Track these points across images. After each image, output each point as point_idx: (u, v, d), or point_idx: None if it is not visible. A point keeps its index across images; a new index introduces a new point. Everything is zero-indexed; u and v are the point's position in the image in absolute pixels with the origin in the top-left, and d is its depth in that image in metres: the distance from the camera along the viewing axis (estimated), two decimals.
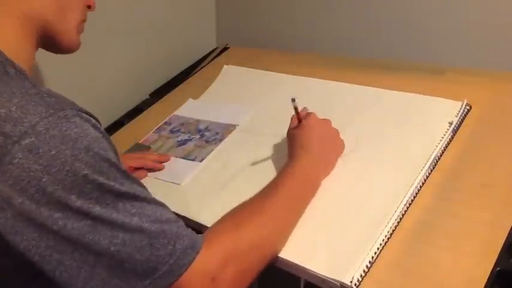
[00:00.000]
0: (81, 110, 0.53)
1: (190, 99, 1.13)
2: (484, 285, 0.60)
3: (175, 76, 1.29)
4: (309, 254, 0.67)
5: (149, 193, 0.57)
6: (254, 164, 0.87)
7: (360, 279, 0.63)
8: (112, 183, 0.52)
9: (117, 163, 0.54)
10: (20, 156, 0.48)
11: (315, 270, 0.64)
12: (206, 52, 1.36)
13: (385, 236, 0.67)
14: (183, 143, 0.98)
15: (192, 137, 0.99)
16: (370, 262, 0.65)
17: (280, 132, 0.91)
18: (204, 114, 1.05)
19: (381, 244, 0.67)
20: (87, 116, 0.53)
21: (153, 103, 1.19)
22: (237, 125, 0.99)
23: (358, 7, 1.18)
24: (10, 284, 0.56)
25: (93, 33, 1.06)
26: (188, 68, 1.31)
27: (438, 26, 1.08)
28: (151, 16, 1.26)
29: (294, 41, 1.31)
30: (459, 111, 0.85)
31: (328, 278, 0.63)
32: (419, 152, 0.79)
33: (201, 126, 1.02)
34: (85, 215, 0.50)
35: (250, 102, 1.06)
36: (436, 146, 0.79)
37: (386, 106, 0.90)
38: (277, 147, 0.89)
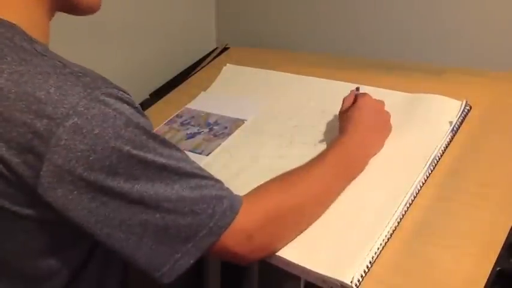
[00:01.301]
0: (114, 86, 0.54)
1: (203, 93, 1.13)
2: (484, 285, 0.60)
3: (175, 76, 1.29)
4: (309, 253, 0.67)
5: (188, 158, 0.59)
6: (256, 163, 0.88)
7: (360, 279, 0.63)
8: (153, 156, 0.54)
9: (155, 134, 0.55)
10: (66, 137, 0.49)
11: (315, 270, 0.64)
12: (206, 52, 1.36)
13: (386, 236, 0.67)
14: (192, 135, 0.99)
15: (201, 130, 1.00)
16: (370, 262, 0.65)
17: (283, 132, 0.91)
18: (215, 108, 1.06)
19: (381, 244, 0.66)
20: (121, 92, 0.55)
21: (153, 103, 1.18)
22: (246, 120, 0.99)
23: (358, 7, 1.18)
24: (70, 251, 0.61)
25: (93, 33, 1.06)
26: (188, 68, 1.31)
27: (438, 26, 1.08)
28: (152, 16, 1.26)
29: (294, 41, 1.31)
30: (459, 111, 0.85)
31: (328, 277, 0.63)
32: (419, 152, 0.79)
33: (211, 120, 1.02)
34: (130, 188, 0.53)
35: (251, 98, 1.07)
36: (436, 146, 0.79)
37: (386, 106, 0.90)
38: (279, 147, 0.89)
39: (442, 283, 0.62)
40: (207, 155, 0.92)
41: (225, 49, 1.33)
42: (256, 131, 0.96)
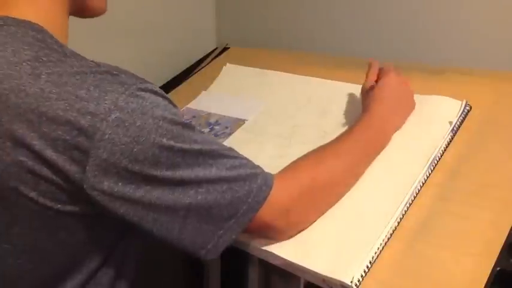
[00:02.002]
0: (146, 81, 0.57)
1: (204, 92, 1.13)
2: (484, 285, 0.60)
3: (175, 76, 1.29)
4: (309, 253, 0.67)
5: (218, 141, 0.63)
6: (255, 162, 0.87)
7: (361, 279, 0.63)
8: (189, 144, 0.57)
9: (187, 122, 0.58)
10: (110, 131, 0.52)
11: (315, 270, 0.64)
12: (206, 52, 1.36)
13: (386, 236, 0.67)
14: None
15: (202, 130, 1.00)
16: (370, 262, 0.65)
17: (283, 132, 0.91)
18: (216, 107, 1.06)
19: (381, 244, 0.67)
20: (153, 86, 0.57)
21: None
22: (246, 120, 0.99)
23: (358, 7, 1.18)
24: (114, 238, 0.64)
25: (93, 33, 1.06)
26: (188, 68, 1.31)
27: (438, 26, 1.08)
28: (151, 16, 1.26)
29: (294, 41, 1.31)
30: (459, 111, 0.85)
31: (328, 277, 0.63)
32: (419, 152, 0.79)
33: (212, 120, 1.02)
34: (172, 174, 0.56)
35: (251, 98, 1.07)
36: (437, 146, 0.79)
37: None
38: (279, 147, 0.90)
39: (442, 283, 0.62)
40: None
41: (225, 49, 1.33)
42: (257, 131, 0.96)
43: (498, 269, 0.62)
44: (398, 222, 0.70)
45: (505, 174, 0.74)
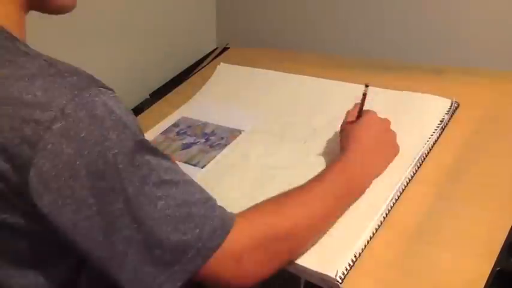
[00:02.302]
0: (102, 86, 0.52)
1: (198, 93, 1.13)
2: (484, 285, 0.60)
3: (175, 76, 1.29)
4: None
5: (177, 169, 0.56)
6: (247, 161, 0.88)
7: (345, 272, 0.63)
8: (139, 165, 0.51)
9: (143, 139, 0.53)
10: (53, 141, 0.48)
11: (300, 264, 0.65)
12: (206, 52, 1.36)
13: (371, 231, 0.68)
14: (187, 146, 0.98)
15: (198, 140, 0.99)
16: (355, 256, 0.65)
17: (273, 130, 0.91)
18: (212, 117, 1.04)
19: (368, 241, 0.67)
20: (109, 92, 0.53)
21: (153, 103, 1.18)
22: (243, 131, 0.98)
23: (358, 7, 1.18)
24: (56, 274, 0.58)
25: (93, 33, 1.06)
26: (188, 68, 1.31)
27: (438, 26, 1.08)
28: (152, 16, 1.26)
29: (294, 41, 1.31)
30: (449, 109, 0.85)
31: (312, 271, 0.64)
32: (409, 149, 0.79)
33: (207, 130, 1.01)
34: (116, 197, 0.50)
35: (245, 102, 1.07)
36: (425, 144, 0.80)
37: (379, 104, 0.90)
38: (269, 145, 0.90)
39: (442, 283, 0.62)
40: (202, 167, 0.91)
41: (225, 49, 1.33)
42: (252, 142, 0.95)
43: (498, 269, 0.62)
44: (384, 217, 0.71)
45: (505, 174, 0.74)
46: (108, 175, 0.50)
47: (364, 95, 0.80)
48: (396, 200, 0.73)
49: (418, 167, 0.78)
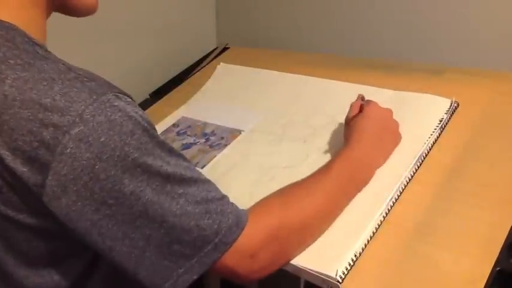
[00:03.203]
0: (119, 91, 0.53)
1: (199, 93, 1.13)
2: (484, 285, 0.60)
3: (175, 76, 1.29)
4: None
5: (194, 169, 0.58)
6: (246, 160, 0.88)
7: (345, 271, 0.63)
8: (159, 164, 0.53)
9: (161, 141, 0.54)
10: (72, 145, 0.49)
11: (300, 265, 0.65)
12: (206, 52, 1.35)
13: (371, 231, 0.68)
14: (187, 146, 0.98)
15: (198, 140, 0.99)
16: (355, 256, 0.65)
17: (273, 130, 0.91)
18: (212, 117, 1.04)
19: (366, 239, 0.67)
20: (126, 97, 0.54)
21: (153, 103, 1.18)
22: (243, 131, 0.98)
23: (358, 7, 1.18)
24: (70, 268, 0.59)
25: (93, 33, 1.06)
26: (188, 68, 1.31)
27: (438, 26, 1.08)
28: (152, 16, 1.26)
29: (294, 41, 1.31)
30: (448, 109, 0.86)
31: (312, 271, 0.64)
32: (408, 148, 0.79)
33: (207, 130, 1.01)
34: (136, 199, 0.51)
35: (245, 101, 1.07)
36: (425, 143, 0.80)
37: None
38: (269, 144, 0.90)
39: (442, 283, 0.62)
40: (202, 168, 0.91)
41: (225, 49, 1.33)
42: (252, 142, 0.95)
43: (498, 269, 0.62)
44: (384, 217, 0.71)
45: (505, 174, 0.74)
46: (128, 178, 0.51)
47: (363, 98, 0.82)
48: (396, 200, 0.73)
49: (418, 167, 0.78)
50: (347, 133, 0.79)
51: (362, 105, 0.81)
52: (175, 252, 0.55)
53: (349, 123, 0.80)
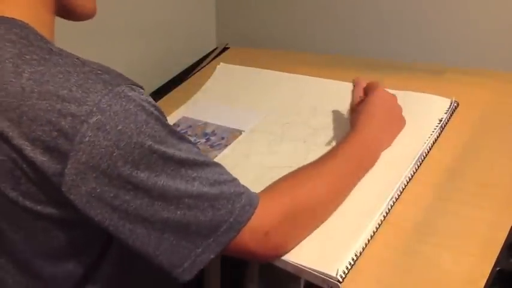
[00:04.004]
0: (132, 82, 0.55)
1: (199, 93, 1.13)
2: (484, 285, 0.60)
3: (175, 76, 1.29)
4: (297, 248, 0.67)
5: (203, 154, 0.60)
6: (247, 160, 0.88)
7: (346, 271, 0.63)
8: (172, 151, 0.55)
9: (173, 129, 0.57)
10: (90, 134, 0.50)
11: (301, 263, 0.65)
12: (206, 52, 1.36)
13: (372, 230, 0.68)
14: None
15: (198, 140, 0.99)
16: (356, 255, 0.65)
17: (274, 130, 0.91)
18: (212, 117, 1.04)
19: (367, 238, 0.67)
20: (139, 88, 0.56)
21: None
22: (243, 131, 0.98)
23: (358, 7, 1.18)
24: (87, 252, 0.62)
25: (93, 33, 1.06)
26: (188, 68, 1.31)
27: (438, 26, 1.08)
28: (152, 16, 1.26)
29: (294, 41, 1.31)
30: (448, 109, 0.86)
31: (313, 270, 0.64)
32: (408, 148, 0.79)
33: (208, 130, 1.01)
34: (153, 184, 0.53)
35: (245, 102, 1.07)
36: (425, 143, 0.80)
37: None
38: (269, 144, 0.90)
39: (442, 283, 0.62)
40: None
41: (225, 49, 1.33)
42: (252, 143, 0.95)
43: (498, 269, 0.62)
44: (384, 217, 0.71)
45: (505, 174, 0.74)
46: (144, 164, 0.53)
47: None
48: (396, 200, 0.73)
49: (418, 167, 0.78)
50: (353, 118, 0.82)
51: (365, 89, 0.84)
52: (193, 233, 0.57)
53: (356, 109, 0.83)
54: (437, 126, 0.83)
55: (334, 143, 0.85)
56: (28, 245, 0.58)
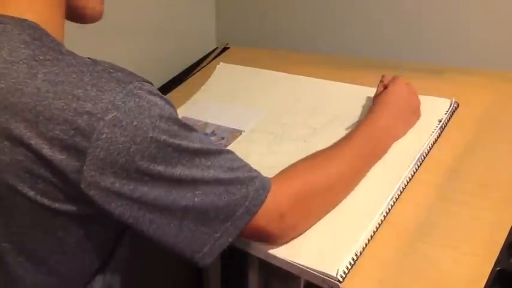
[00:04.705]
0: (143, 79, 0.57)
1: (198, 93, 1.13)
2: (484, 285, 0.60)
3: (175, 76, 1.29)
4: (295, 247, 0.67)
5: (215, 143, 0.63)
6: (247, 159, 0.88)
7: (346, 270, 0.64)
8: (186, 143, 0.57)
9: (184, 122, 0.58)
10: (107, 131, 0.52)
11: (301, 263, 0.65)
12: (206, 52, 1.36)
13: (372, 230, 0.68)
14: None
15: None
16: (356, 255, 0.65)
17: (273, 130, 0.91)
18: (213, 117, 1.04)
19: (367, 238, 0.67)
20: (149, 85, 0.57)
21: None
22: (243, 131, 0.98)
23: (358, 7, 1.18)
24: (109, 243, 0.64)
25: (93, 33, 1.06)
26: (188, 68, 1.31)
27: (438, 26, 1.08)
28: (152, 16, 1.26)
29: (294, 41, 1.31)
30: (448, 109, 0.86)
31: (313, 270, 0.64)
32: (409, 148, 0.80)
33: (208, 130, 1.01)
34: (170, 175, 0.55)
35: (245, 102, 1.07)
36: (425, 143, 0.80)
37: None
38: (269, 144, 0.90)
39: (442, 283, 0.62)
40: None
41: (225, 49, 1.33)
42: (251, 143, 0.95)
43: (498, 269, 0.62)
44: (384, 217, 0.71)
45: (505, 174, 0.74)
46: (161, 157, 0.54)
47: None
48: (396, 200, 0.73)
49: (418, 167, 0.78)
50: (371, 107, 0.85)
51: (387, 82, 0.87)
52: (211, 218, 0.59)
53: (376, 98, 0.86)
54: (437, 126, 0.83)
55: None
56: (47, 242, 0.59)
